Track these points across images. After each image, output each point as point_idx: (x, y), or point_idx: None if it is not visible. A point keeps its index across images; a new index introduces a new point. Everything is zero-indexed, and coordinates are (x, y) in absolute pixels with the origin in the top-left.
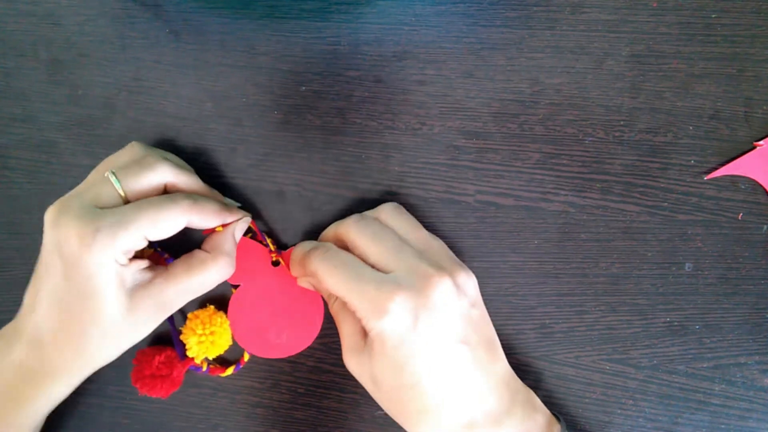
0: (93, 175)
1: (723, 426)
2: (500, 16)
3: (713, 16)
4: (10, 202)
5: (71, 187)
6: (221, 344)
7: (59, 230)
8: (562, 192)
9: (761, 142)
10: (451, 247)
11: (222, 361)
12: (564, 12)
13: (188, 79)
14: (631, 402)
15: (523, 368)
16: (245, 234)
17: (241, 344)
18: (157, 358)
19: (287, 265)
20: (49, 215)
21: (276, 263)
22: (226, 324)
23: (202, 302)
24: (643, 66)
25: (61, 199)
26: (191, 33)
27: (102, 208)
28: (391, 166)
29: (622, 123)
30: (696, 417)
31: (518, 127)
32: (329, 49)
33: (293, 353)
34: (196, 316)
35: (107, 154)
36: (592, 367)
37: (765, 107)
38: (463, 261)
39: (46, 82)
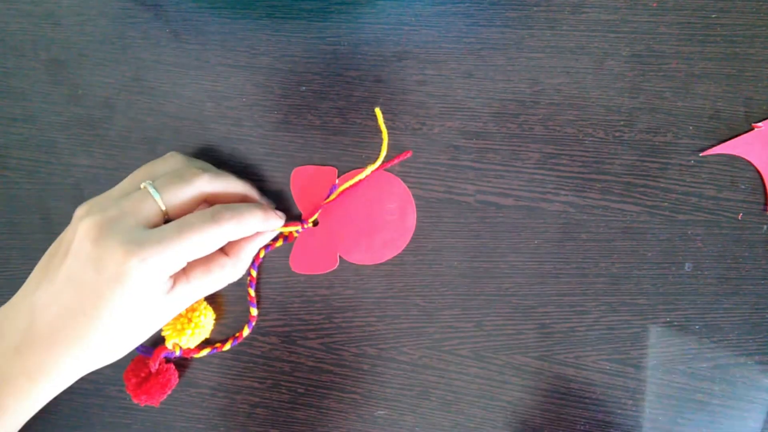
0: (130, 182)
1: (723, 426)
2: (500, 16)
3: (713, 16)
4: (10, 202)
5: (71, 187)
6: (200, 330)
7: (102, 250)
8: (562, 192)
9: (760, 124)
10: (452, 247)
11: (209, 344)
12: (564, 12)
13: (188, 79)
14: (631, 402)
15: (523, 368)
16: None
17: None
18: (130, 365)
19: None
20: (90, 229)
21: (315, 223)
22: (208, 310)
23: None
24: (643, 66)
25: (101, 211)
26: (191, 33)
27: (145, 226)
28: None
29: (622, 123)
30: (696, 417)
31: (518, 127)
32: (329, 49)
33: (395, 253)
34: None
35: (107, 154)
36: (592, 367)
37: (765, 107)
38: (463, 261)
39: (46, 82)
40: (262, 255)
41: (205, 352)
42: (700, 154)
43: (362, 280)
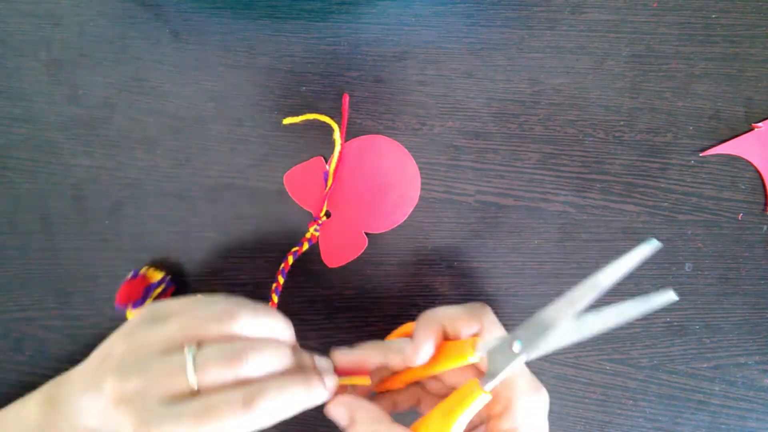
0: (174, 331)
1: (723, 426)
2: (500, 16)
3: (713, 16)
4: (11, 202)
5: (71, 187)
6: None
7: (119, 421)
8: (562, 192)
9: (760, 124)
10: (452, 247)
11: None
12: (564, 12)
13: (188, 79)
14: (631, 402)
15: None
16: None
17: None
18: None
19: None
20: (114, 392)
21: (328, 214)
22: None
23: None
24: (643, 66)
25: (132, 373)
26: (191, 33)
27: (168, 402)
28: None
29: (622, 123)
30: (696, 417)
31: (518, 127)
32: (329, 49)
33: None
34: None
35: (107, 154)
36: (592, 367)
37: (765, 107)
38: (463, 261)
39: (46, 82)
40: (291, 261)
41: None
42: (700, 154)
43: (362, 280)
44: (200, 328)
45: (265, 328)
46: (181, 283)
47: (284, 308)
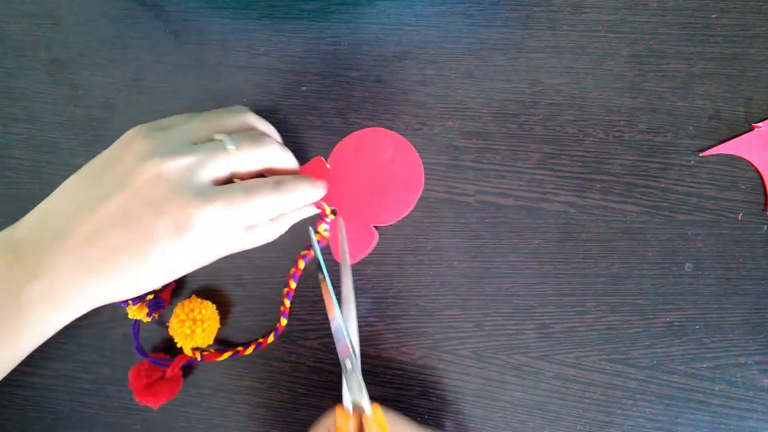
0: (198, 127)
1: (723, 426)
2: (500, 16)
3: (713, 16)
4: (12, 202)
5: None
6: (209, 332)
7: (170, 199)
8: (562, 192)
9: (760, 124)
10: (452, 247)
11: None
12: (564, 12)
13: (188, 79)
14: (631, 402)
15: (523, 368)
16: None
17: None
18: (144, 365)
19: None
20: (161, 173)
21: (334, 212)
22: (213, 311)
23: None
24: (643, 66)
25: (172, 154)
26: (191, 33)
27: (214, 182)
28: None
29: (622, 123)
30: (696, 417)
31: (518, 127)
32: (329, 49)
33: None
34: (182, 308)
35: None
36: (592, 367)
37: (765, 107)
38: (463, 261)
39: (47, 82)
40: (302, 267)
41: (227, 355)
42: (700, 154)
43: (362, 280)
44: (221, 123)
45: (269, 130)
46: (180, 281)
47: (280, 308)
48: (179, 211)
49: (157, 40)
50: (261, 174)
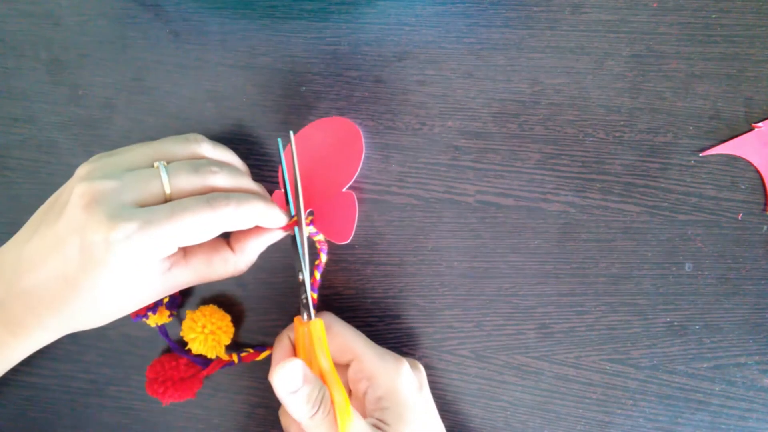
0: (141, 155)
1: (723, 426)
2: (500, 16)
3: (713, 16)
4: (11, 202)
5: None
6: (223, 340)
7: (90, 221)
8: (562, 192)
9: (760, 124)
10: (452, 247)
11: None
12: (564, 12)
13: (188, 79)
14: (631, 402)
15: (523, 368)
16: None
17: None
18: (178, 362)
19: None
20: (84, 195)
21: (311, 213)
22: (227, 320)
23: (203, 300)
24: (643, 66)
25: (101, 178)
26: (191, 33)
27: (140, 205)
28: (391, 166)
29: (622, 123)
30: (696, 417)
31: (518, 127)
32: (329, 49)
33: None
34: (201, 315)
35: None
36: (592, 367)
37: (765, 107)
38: (463, 261)
39: (47, 82)
40: (318, 277)
41: (264, 355)
42: (700, 154)
43: (362, 281)
44: (167, 150)
45: (225, 158)
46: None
47: (283, 308)
48: (98, 235)
49: (157, 40)
50: None
